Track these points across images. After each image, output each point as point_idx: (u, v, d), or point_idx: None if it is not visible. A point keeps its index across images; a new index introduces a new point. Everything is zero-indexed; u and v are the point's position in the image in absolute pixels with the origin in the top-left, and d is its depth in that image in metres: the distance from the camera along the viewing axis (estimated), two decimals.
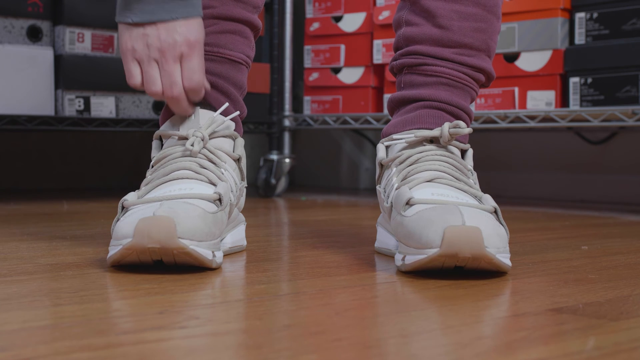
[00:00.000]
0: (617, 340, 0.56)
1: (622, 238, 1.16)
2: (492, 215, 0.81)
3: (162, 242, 0.74)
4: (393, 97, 0.95)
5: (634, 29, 1.51)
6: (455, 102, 0.91)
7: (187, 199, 0.80)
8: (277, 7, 1.93)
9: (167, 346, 0.52)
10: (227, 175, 0.88)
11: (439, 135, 0.88)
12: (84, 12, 1.63)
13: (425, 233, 0.76)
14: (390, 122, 0.95)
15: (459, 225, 0.74)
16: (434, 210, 0.78)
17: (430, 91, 0.91)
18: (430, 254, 0.76)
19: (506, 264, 0.78)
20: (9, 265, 0.82)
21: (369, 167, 2.27)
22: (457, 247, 0.74)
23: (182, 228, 0.75)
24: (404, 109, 0.94)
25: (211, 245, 0.79)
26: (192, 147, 0.86)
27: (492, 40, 0.93)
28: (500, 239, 0.77)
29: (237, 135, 0.93)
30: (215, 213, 0.80)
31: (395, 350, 0.52)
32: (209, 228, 0.78)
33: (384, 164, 0.91)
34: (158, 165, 0.88)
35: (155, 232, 0.74)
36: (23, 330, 0.55)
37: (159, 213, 0.75)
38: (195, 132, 0.87)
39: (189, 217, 0.76)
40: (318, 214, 1.48)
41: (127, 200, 0.82)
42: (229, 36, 0.93)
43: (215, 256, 0.80)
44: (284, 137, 1.97)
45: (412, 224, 0.79)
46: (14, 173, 1.95)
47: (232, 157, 0.91)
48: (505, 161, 2.02)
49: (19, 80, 1.55)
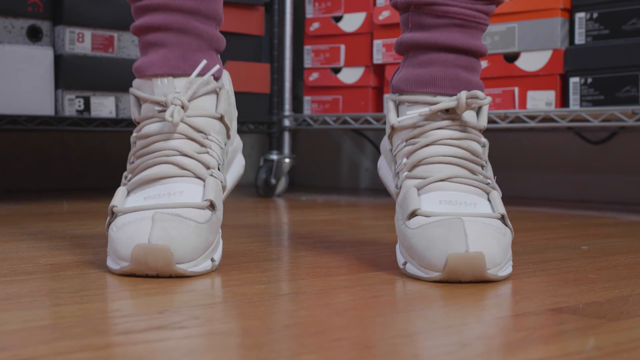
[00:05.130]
0: (617, 340, 0.56)
1: (622, 238, 1.16)
2: (499, 221, 0.80)
3: (160, 270, 0.75)
4: (403, 40, 0.89)
5: (634, 29, 1.51)
6: (470, 46, 0.87)
7: (179, 208, 0.78)
8: (277, 7, 1.93)
9: (167, 346, 0.52)
10: (214, 148, 0.86)
11: (456, 107, 0.84)
12: (84, 12, 1.63)
13: (429, 255, 0.76)
14: (401, 73, 0.89)
15: (462, 254, 0.74)
16: (438, 227, 0.77)
17: (443, 35, 0.86)
18: (432, 276, 0.76)
19: (507, 276, 0.79)
20: (9, 265, 0.82)
21: (369, 167, 2.27)
22: (459, 274, 0.75)
23: (179, 253, 0.75)
24: (416, 57, 0.88)
25: (209, 254, 0.79)
26: (171, 119, 0.82)
27: None
28: (503, 253, 0.77)
29: (220, 86, 0.88)
30: (209, 220, 0.80)
31: (395, 350, 0.52)
32: (205, 240, 0.78)
33: (396, 128, 0.87)
34: (140, 149, 0.85)
35: (152, 262, 0.75)
36: (23, 330, 0.55)
37: (154, 239, 0.75)
38: (174, 99, 0.84)
39: (184, 238, 0.76)
40: (318, 214, 1.48)
41: (116, 207, 0.81)
42: None
43: (214, 261, 0.80)
44: (284, 137, 1.97)
45: (415, 240, 0.78)
46: (14, 173, 1.95)
47: (215, 117, 0.87)
48: (505, 161, 2.02)
49: (19, 80, 1.55)
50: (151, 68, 0.86)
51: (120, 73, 1.66)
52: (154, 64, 0.86)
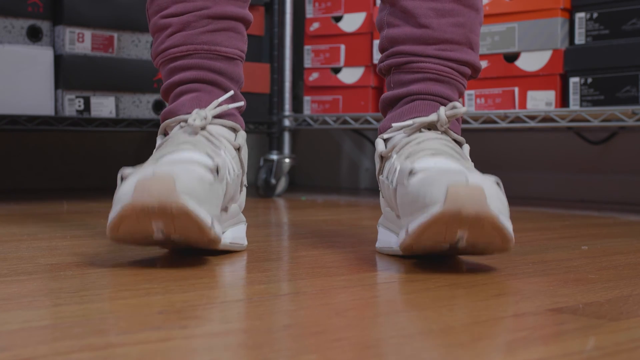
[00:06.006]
0: (617, 340, 0.56)
1: (622, 238, 1.16)
2: (495, 185, 0.81)
3: (162, 199, 0.73)
4: (385, 97, 0.97)
5: (634, 29, 1.51)
6: (446, 95, 0.94)
7: (185, 163, 0.80)
8: (277, 7, 1.93)
9: (167, 346, 0.52)
10: (228, 159, 0.89)
11: (436, 120, 0.90)
12: (84, 12, 1.63)
13: (430, 191, 0.77)
14: (386, 118, 0.97)
15: (463, 182, 0.74)
16: (438, 172, 0.79)
17: (420, 86, 0.94)
18: (433, 211, 0.75)
19: (509, 228, 0.77)
20: (9, 265, 0.82)
21: (369, 167, 2.27)
22: (460, 203, 0.73)
23: (182, 185, 0.75)
24: (397, 105, 0.96)
25: (210, 211, 0.78)
26: (193, 122, 0.88)
27: (472, 33, 0.95)
28: (503, 205, 0.78)
29: (239, 127, 0.95)
30: (211, 183, 0.80)
31: (395, 350, 0.52)
32: (209, 192, 0.78)
33: (384, 155, 0.92)
34: (158, 146, 0.90)
35: (155, 189, 0.73)
36: (23, 330, 0.55)
37: (158, 171, 0.75)
38: (198, 111, 0.90)
39: (189, 176, 0.76)
40: (318, 214, 1.48)
41: (125, 170, 0.82)
42: (224, 34, 0.96)
43: (214, 225, 0.78)
44: (284, 137, 1.97)
45: (417, 187, 0.79)
46: (14, 173, 1.95)
47: (233, 145, 0.92)
48: (505, 161, 2.02)
49: (19, 80, 1.55)
50: (182, 108, 0.94)
51: (120, 73, 1.66)
52: (185, 105, 0.94)
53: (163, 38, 0.96)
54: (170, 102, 0.97)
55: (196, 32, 0.95)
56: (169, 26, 0.96)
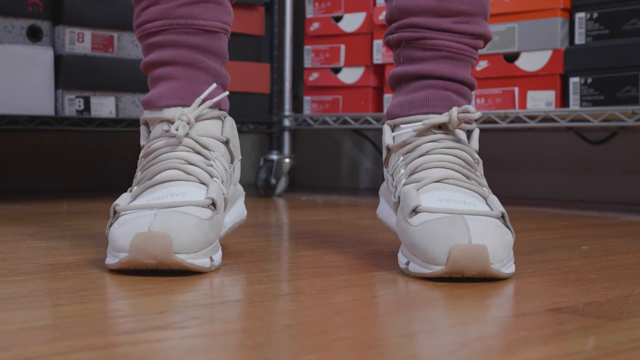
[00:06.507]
0: (617, 340, 0.56)
1: (622, 238, 1.16)
2: (499, 220, 0.81)
3: (159, 259, 0.74)
4: (394, 73, 0.93)
5: (634, 29, 1.51)
6: (459, 77, 0.90)
7: (181, 207, 0.79)
8: (277, 7, 1.93)
9: (167, 346, 0.52)
10: (218, 164, 0.87)
11: (448, 122, 0.87)
12: (84, 12, 1.63)
13: (431, 249, 0.76)
14: (395, 101, 0.93)
15: (465, 245, 0.74)
16: (441, 222, 0.77)
17: (432, 66, 0.90)
18: (436, 270, 0.76)
19: (510, 274, 0.78)
20: (9, 265, 0.82)
21: (369, 167, 2.27)
22: (462, 266, 0.74)
23: (178, 243, 0.75)
24: (407, 86, 0.92)
25: (208, 251, 0.79)
26: (176, 132, 0.85)
27: (487, 2, 0.91)
28: (505, 249, 0.77)
29: (225, 114, 0.91)
30: (210, 219, 0.80)
31: (395, 350, 0.52)
32: (206, 236, 0.78)
33: (392, 148, 0.89)
34: (146, 162, 0.87)
35: (151, 249, 0.74)
36: (23, 330, 0.55)
37: (154, 228, 0.75)
38: (181, 115, 0.87)
39: (185, 229, 0.76)
40: (318, 214, 1.48)
41: (118, 205, 0.82)
42: (202, 5, 0.90)
43: (213, 260, 0.80)
44: (284, 137, 1.97)
45: (418, 236, 0.78)
46: (14, 173, 1.95)
47: (220, 140, 0.90)
48: (505, 161, 2.02)
49: (19, 80, 1.55)
50: (161, 100, 0.90)
51: (120, 73, 1.66)
52: (164, 96, 0.90)
53: (138, 11, 0.92)
54: (149, 84, 0.92)
55: (171, 6, 0.89)
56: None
